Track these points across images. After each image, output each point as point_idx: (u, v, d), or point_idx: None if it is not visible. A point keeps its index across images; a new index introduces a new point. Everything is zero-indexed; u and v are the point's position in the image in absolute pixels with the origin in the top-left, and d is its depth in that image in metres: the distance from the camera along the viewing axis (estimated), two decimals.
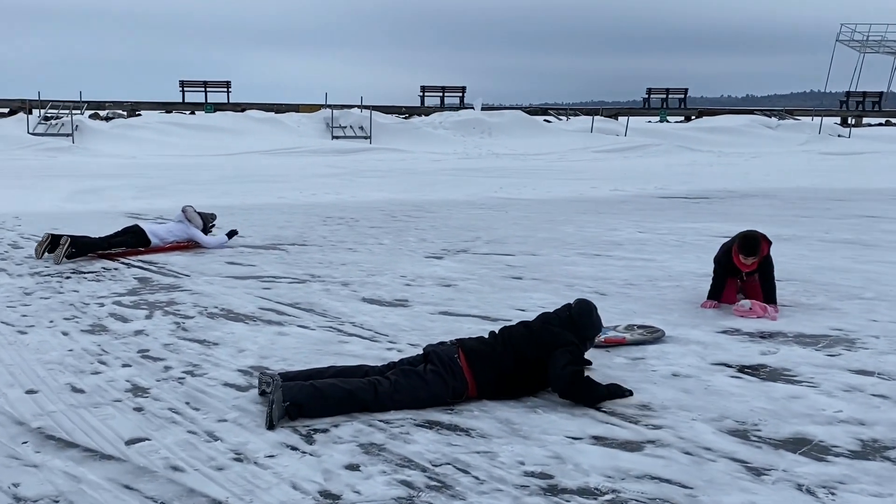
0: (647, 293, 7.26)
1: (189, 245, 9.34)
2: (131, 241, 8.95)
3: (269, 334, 5.82)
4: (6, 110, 31.69)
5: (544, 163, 27.29)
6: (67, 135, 27.90)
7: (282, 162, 25.05)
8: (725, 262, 6.68)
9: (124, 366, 5.06)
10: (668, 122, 39.16)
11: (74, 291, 7.09)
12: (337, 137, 30.61)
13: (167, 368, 5.03)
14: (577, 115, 37.56)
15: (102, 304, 6.63)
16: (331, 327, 6.03)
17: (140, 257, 8.75)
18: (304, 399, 4.18)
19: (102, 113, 32.93)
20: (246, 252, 9.18)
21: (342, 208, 13.53)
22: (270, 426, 4.07)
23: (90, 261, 8.51)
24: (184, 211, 9.52)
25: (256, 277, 7.77)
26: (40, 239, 8.54)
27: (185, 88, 34.48)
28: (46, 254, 8.39)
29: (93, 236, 8.88)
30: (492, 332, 4.78)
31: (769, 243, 6.65)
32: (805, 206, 14.60)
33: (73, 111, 29.75)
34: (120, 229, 9.12)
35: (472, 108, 35.29)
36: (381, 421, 4.21)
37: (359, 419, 4.23)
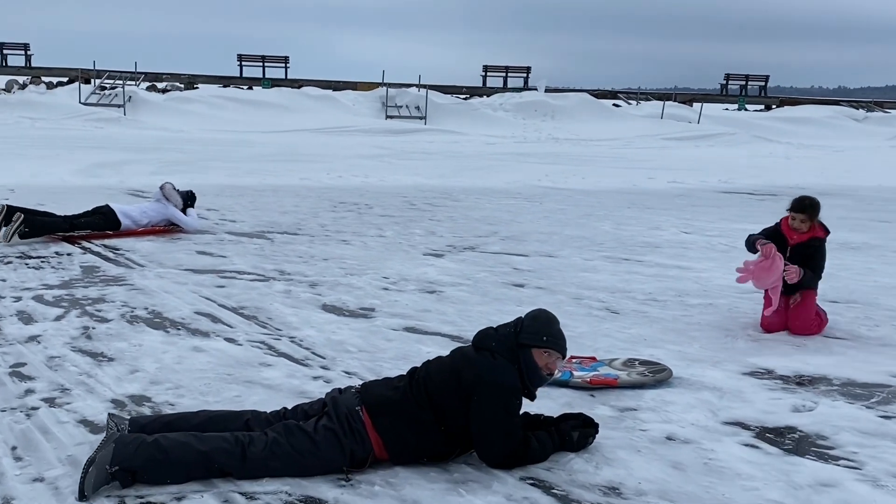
0: (670, 313, 5.98)
1: (167, 229, 8.36)
2: (99, 222, 8.00)
3: (183, 349, 4.77)
4: (65, 79, 31.52)
5: (607, 149, 25.76)
6: (119, 106, 27.50)
7: (329, 141, 24.13)
8: (773, 230, 5.60)
9: None
10: (746, 110, 36.97)
11: (1, 280, 6.16)
12: (391, 117, 29.58)
13: (28, 392, 4.02)
14: (648, 99, 35.71)
15: (18, 299, 5.68)
16: (262, 343, 4.95)
17: (106, 241, 7.80)
18: (139, 463, 3.10)
19: (160, 85, 32.58)
20: (226, 240, 8.18)
21: (362, 193, 12.45)
22: (82, 497, 3.00)
23: (46, 243, 7.60)
24: (161, 188, 8.53)
25: (217, 272, 6.75)
26: None
27: (243, 63, 33.85)
28: (2, 228, 7.43)
29: (57, 214, 7.95)
30: (410, 372, 3.60)
31: (826, 231, 5.58)
32: (885, 209, 12.94)
33: (129, 82, 29.41)
34: (90, 209, 8.17)
35: (536, 89, 33.78)
36: (242, 495, 3.10)
37: (216, 488, 3.13)
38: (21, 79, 31.55)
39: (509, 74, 35.77)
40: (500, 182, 14.75)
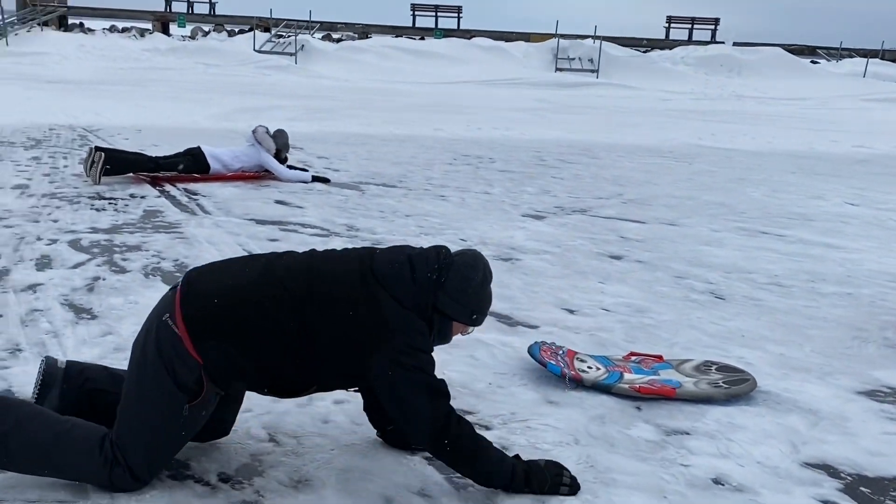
0: (790, 302, 4.78)
1: (259, 175, 7.88)
2: (188, 164, 7.61)
3: None
4: (246, 27, 32.39)
5: (795, 109, 23.39)
6: (291, 54, 27.89)
7: (491, 93, 23.32)
8: None
9: None
10: None
11: (52, 221, 5.84)
12: (561, 70, 28.32)
13: None
14: (851, 56, 32.27)
15: (53, 241, 5.30)
16: None
17: (192, 184, 7.42)
18: None
19: (335, 35, 32.85)
20: (315, 190, 7.60)
21: (493, 146, 11.58)
22: None
23: (130, 183, 7.31)
24: (254, 132, 8.02)
25: (281, 224, 6.16)
26: (85, 156, 7.36)
27: (416, 13, 33.49)
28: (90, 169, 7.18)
29: (147, 154, 7.64)
30: (265, 265, 2.58)
31: None
32: None
33: (304, 31, 29.80)
34: (182, 150, 7.82)
35: (724, 43, 31.31)
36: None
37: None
38: (206, 27, 32.74)
39: (695, 26, 33.37)
40: (655, 140, 13.41)
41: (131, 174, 7.45)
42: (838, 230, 6.96)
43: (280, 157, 8.00)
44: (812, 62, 31.72)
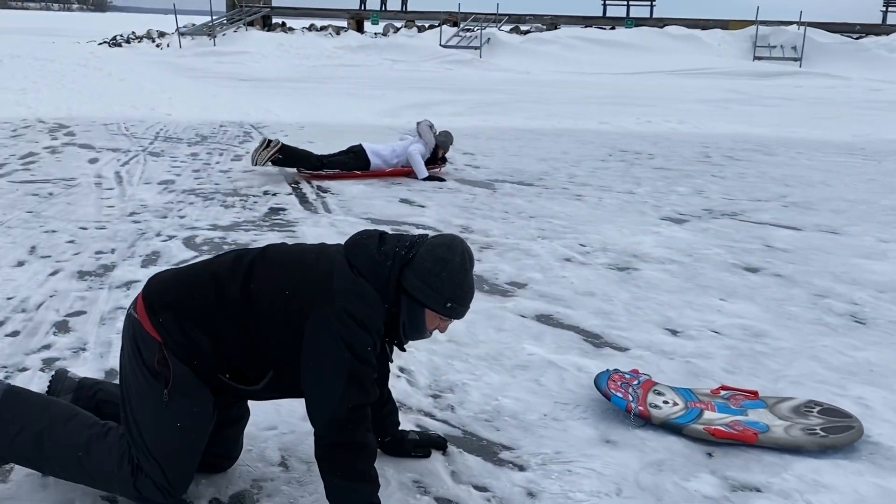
0: None
1: (410, 170, 7.83)
2: (349, 161, 7.70)
3: None
4: (436, 22, 32.84)
5: None
6: (476, 48, 27.95)
7: (679, 83, 22.23)
8: None
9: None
10: None
11: (180, 216, 6.00)
12: (760, 58, 26.56)
13: (42, 347, 3.60)
14: None
15: (172, 237, 5.41)
16: None
17: (350, 181, 7.45)
18: None
19: (523, 27, 32.62)
20: (445, 188, 7.41)
21: (657, 141, 10.91)
22: None
23: (288, 180, 7.45)
24: (418, 125, 8.04)
25: (396, 223, 6.01)
26: (258, 145, 7.57)
27: (608, 2, 32.59)
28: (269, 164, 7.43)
29: (313, 152, 7.79)
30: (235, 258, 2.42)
31: None
32: None
33: (491, 24, 29.79)
34: (345, 148, 7.92)
35: None
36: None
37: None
38: (398, 23, 33.50)
39: None
40: (848, 135, 12.16)
41: (296, 169, 7.61)
42: None
43: (437, 154, 7.96)
44: None
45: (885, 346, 3.84)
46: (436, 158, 8.02)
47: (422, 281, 2.26)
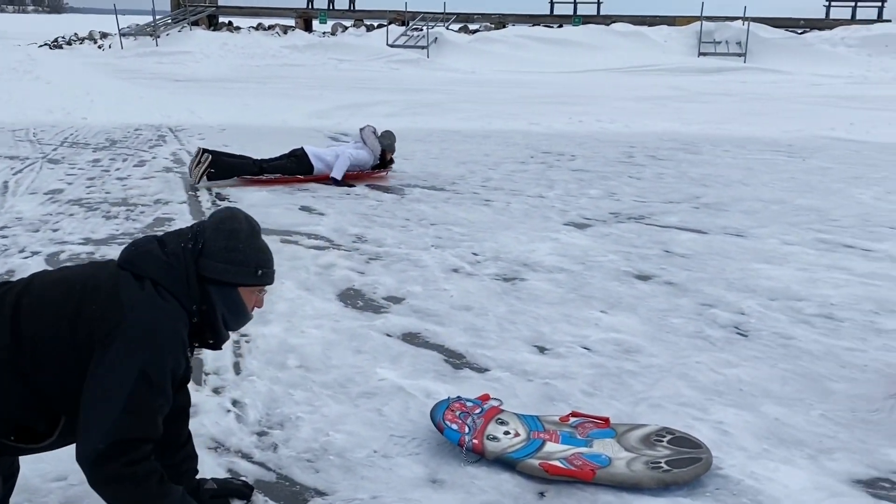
0: (833, 342, 3.89)
1: (361, 175, 7.70)
2: (291, 166, 7.50)
3: None
4: (385, 21, 32.52)
5: None
6: (423, 48, 27.70)
7: (622, 82, 22.16)
8: None
9: None
10: None
11: (53, 230, 5.67)
12: (705, 54, 26.64)
13: None
14: None
15: (35, 254, 5.09)
16: None
17: (252, 187, 7.17)
18: None
19: (472, 26, 32.43)
20: (352, 194, 7.16)
21: (583, 141, 10.75)
22: None
23: (233, 187, 7.19)
24: (361, 130, 7.88)
25: (287, 234, 5.75)
26: (193, 157, 7.31)
27: (555, 0, 32.50)
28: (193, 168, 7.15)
29: (251, 157, 7.52)
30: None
31: None
32: None
33: (439, 24, 29.56)
34: (286, 152, 7.69)
35: (890, 21, 28.54)
36: None
37: None
38: (346, 22, 33.13)
39: (859, 4, 30.62)
40: (778, 130, 12.11)
41: (236, 178, 7.35)
42: None
43: (386, 158, 7.84)
44: None
45: (762, 360, 3.66)
46: (385, 163, 7.87)
47: (223, 261, 2.11)
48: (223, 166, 7.23)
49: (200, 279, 2.10)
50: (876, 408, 3.21)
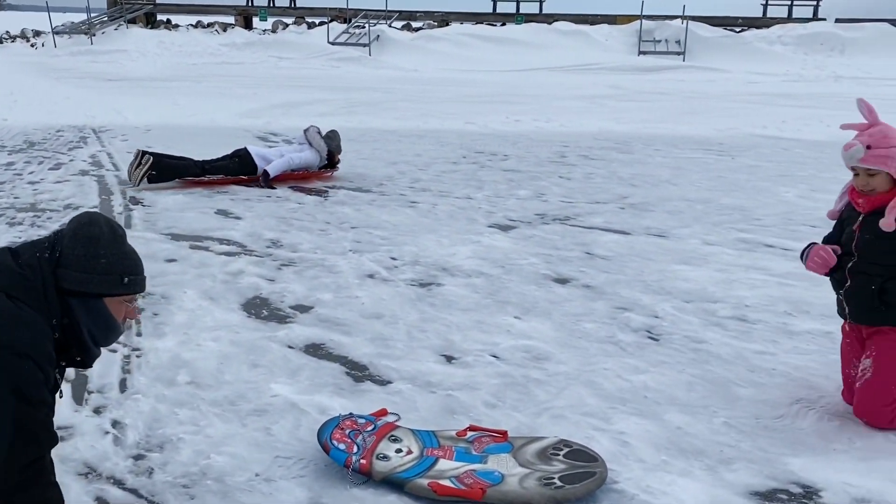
0: (744, 346, 3.83)
1: (306, 175, 7.57)
2: (234, 166, 7.32)
3: None
4: (327, 19, 32.19)
5: None
6: (365, 45, 27.47)
7: (563, 80, 22.22)
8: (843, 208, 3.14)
9: None
10: None
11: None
12: (645, 53, 26.86)
13: None
14: None
15: None
16: None
17: (170, 191, 6.96)
18: None
19: (415, 24, 32.27)
20: (273, 197, 6.97)
21: (517, 141, 10.70)
22: None
23: (175, 188, 6.98)
24: (306, 132, 7.68)
25: (197, 239, 5.55)
26: (132, 159, 7.11)
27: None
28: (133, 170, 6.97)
29: (192, 158, 7.33)
30: None
31: None
32: None
33: (381, 21, 29.34)
34: (230, 152, 7.52)
35: (825, 20, 29.11)
36: None
37: None
38: (288, 20, 32.73)
39: (795, 3, 31.18)
40: (710, 129, 12.19)
41: (178, 180, 7.16)
42: None
43: (333, 159, 7.72)
44: None
45: (670, 366, 3.59)
46: (333, 163, 7.72)
47: (84, 271, 1.97)
48: (164, 168, 7.06)
49: (60, 291, 1.96)
50: (780, 414, 3.15)
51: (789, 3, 31.33)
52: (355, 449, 2.72)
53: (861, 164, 2.86)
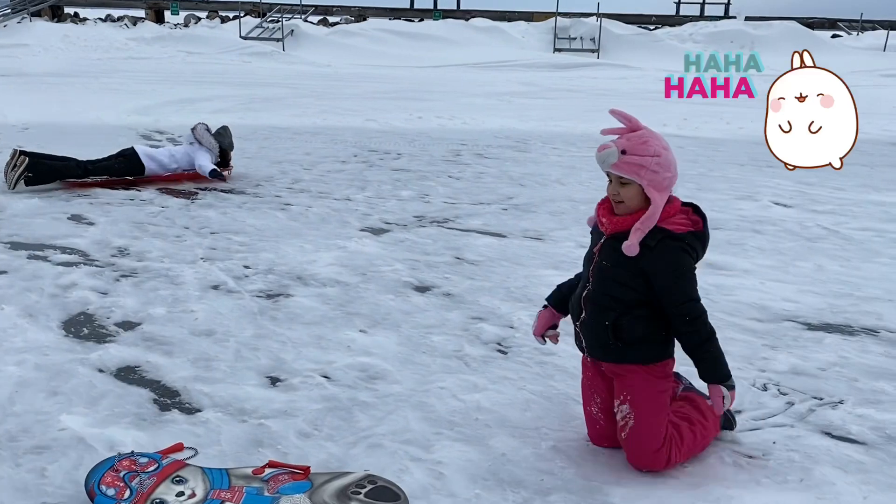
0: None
1: (198, 176, 7.16)
2: (120, 166, 6.90)
3: None
4: (241, 13, 31.48)
5: None
6: (278, 40, 26.92)
7: (478, 77, 22.10)
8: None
9: None
10: None
11: None
12: (560, 50, 26.95)
13: None
14: (874, 28, 30.38)
15: None
16: None
17: (23, 195, 6.47)
18: None
19: (331, 19, 31.81)
20: (133, 203, 6.57)
21: (414, 139, 10.45)
22: None
23: (57, 190, 6.57)
24: (193, 129, 7.29)
25: (36, 249, 5.12)
26: (8, 158, 6.64)
27: None
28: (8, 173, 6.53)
29: (74, 159, 6.88)
30: None
31: (695, 218, 2.72)
32: None
33: (296, 16, 28.80)
34: (115, 152, 7.09)
35: (735, 18, 29.67)
36: None
37: None
38: (200, 14, 31.92)
39: (706, 1, 31.71)
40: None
41: (58, 182, 6.71)
42: (741, 242, 5.76)
43: (226, 157, 7.36)
44: (833, 36, 29.89)
45: (511, 382, 3.37)
46: (227, 161, 7.34)
47: None
48: (42, 169, 6.61)
49: None
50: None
51: (701, 1, 31.84)
52: (127, 494, 2.41)
53: (613, 170, 2.59)
